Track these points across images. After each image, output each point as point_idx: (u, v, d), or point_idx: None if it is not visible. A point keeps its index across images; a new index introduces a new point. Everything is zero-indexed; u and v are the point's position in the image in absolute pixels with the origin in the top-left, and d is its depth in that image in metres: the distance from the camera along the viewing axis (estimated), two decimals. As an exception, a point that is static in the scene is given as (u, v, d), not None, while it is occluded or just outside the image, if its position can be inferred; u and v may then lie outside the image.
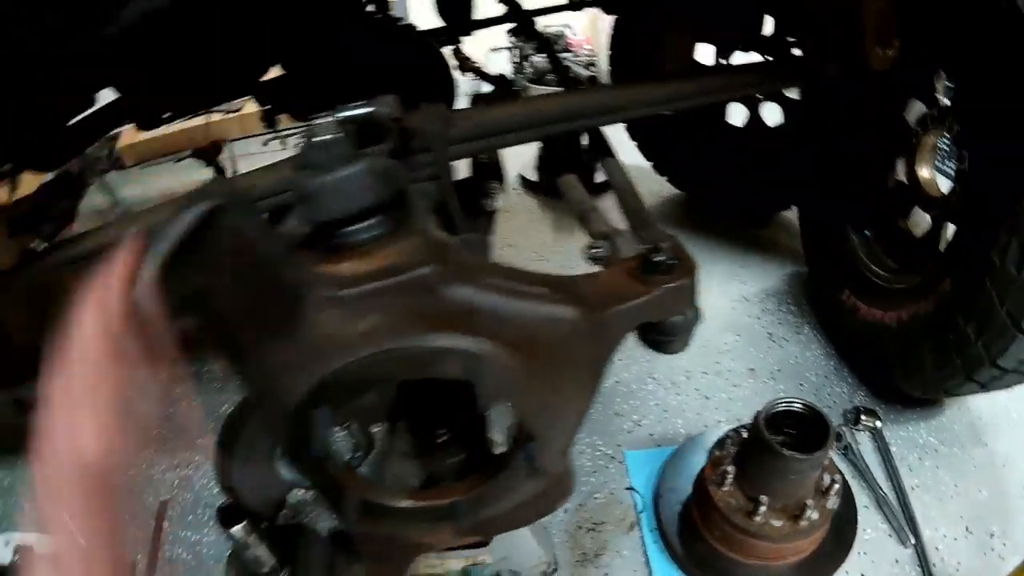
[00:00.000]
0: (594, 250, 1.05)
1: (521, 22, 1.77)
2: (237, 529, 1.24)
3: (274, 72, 1.63)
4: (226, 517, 1.25)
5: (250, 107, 3.47)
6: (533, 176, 1.82)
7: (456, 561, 1.30)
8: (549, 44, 1.98)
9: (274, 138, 3.39)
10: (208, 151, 1.86)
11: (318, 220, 0.80)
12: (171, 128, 3.25)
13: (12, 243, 1.30)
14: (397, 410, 1.04)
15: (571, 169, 1.31)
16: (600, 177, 1.35)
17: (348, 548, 1.07)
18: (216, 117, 2.99)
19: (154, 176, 1.35)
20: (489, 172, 1.29)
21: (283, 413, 0.80)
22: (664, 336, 0.92)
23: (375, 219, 0.82)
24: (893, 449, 1.44)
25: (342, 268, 0.77)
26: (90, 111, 1.54)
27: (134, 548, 1.48)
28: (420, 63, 1.71)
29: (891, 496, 1.37)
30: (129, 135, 1.77)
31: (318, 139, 0.80)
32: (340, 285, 0.74)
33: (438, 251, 0.78)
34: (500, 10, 1.86)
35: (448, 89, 1.75)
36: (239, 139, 3.36)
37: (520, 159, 1.98)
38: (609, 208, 1.17)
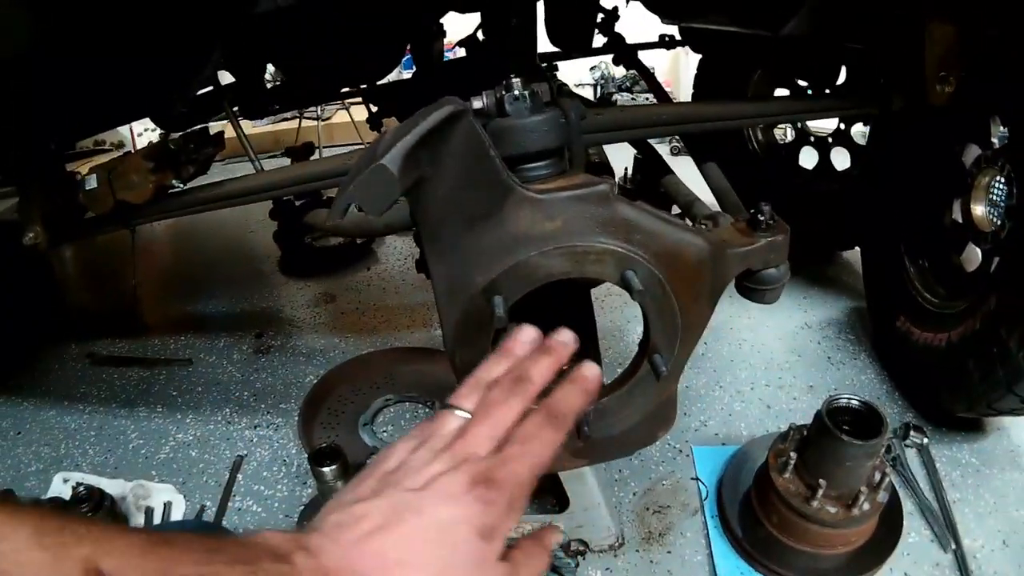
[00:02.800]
0: (703, 226, 1.42)
1: (623, 54, 2.22)
2: (329, 469, 1.53)
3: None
4: (319, 457, 1.55)
5: (339, 116, 3.97)
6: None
7: (530, 526, 1.55)
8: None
9: (360, 149, 3.79)
10: (300, 151, 2.23)
11: (509, 154, 1.16)
12: (262, 128, 3.67)
13: (152, 178, 1.57)
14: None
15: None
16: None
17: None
18: (306, 123, 3.45)
19: (229, 172, 1.72)
20: (598, 168, 1.68)
21: (471, 294, 1.12)
22: (760, 286, 1.25)
23: (549, 161, 1.19)
24: (937, 465, 1.71)
25: (535, 185, 1.12)
26: (211, 88, 1.94)
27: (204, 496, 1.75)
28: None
29: (934, 506, 1.61)
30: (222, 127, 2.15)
31: (513, 92, 1.17)
32: (538, 191, 1.09)
33: (606, 181, 1.14)
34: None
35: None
36: (328, 146, 3.87)
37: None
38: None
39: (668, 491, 1.69)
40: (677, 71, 3.72)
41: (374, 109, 2.32)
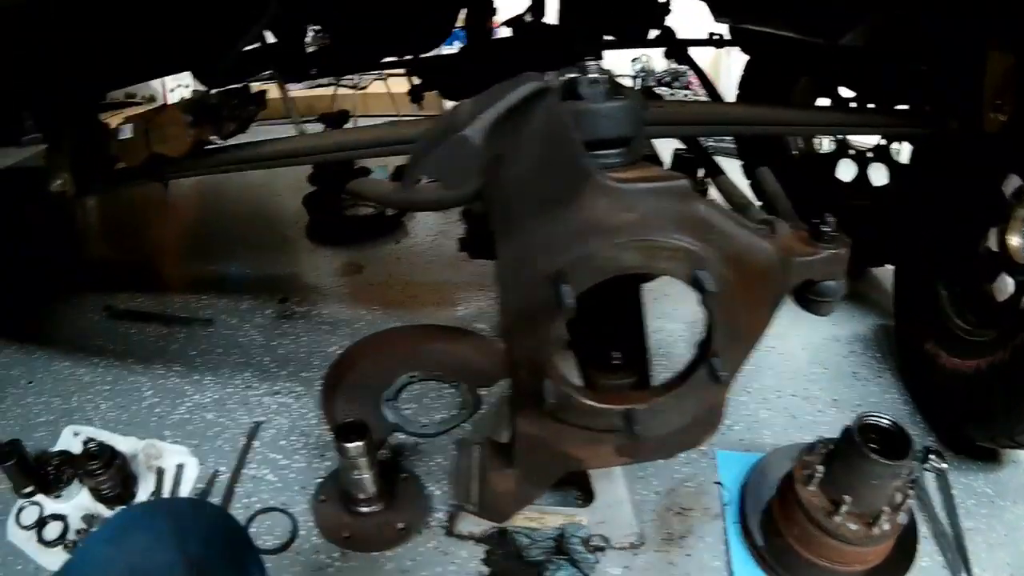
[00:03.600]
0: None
1: (675, 49, 2.17)
2: (353, 446, 1.49)
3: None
4: (344, 433, 1.50)
5: (375, 86, 3.88)
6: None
7: (554, 518, 1.51)
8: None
9: (396, 120, 3.69)
10: (336, 118, 2.17)
11: (582, 139, 1.10)
12: (296, 94, 3.59)
13: (192, 132, 1.52)
14: (578, 335, 1.31)
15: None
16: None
17: (502, 456, 1.31)
18: (341, 91, 3.36)
19: (265, 133, 1.65)
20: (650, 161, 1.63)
21: (537, 280, 1.06)
22: (819, 297, 1.20)
23: (621, 149, 1.14)
24: (953, 492, 1.68)
25: (612, 173, 1.07)
26: (256, 45, 1.86)
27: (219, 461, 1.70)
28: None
29: (948, 532, 1.58)
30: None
31: (589, 75, 1.11)
32: (617, 180, 1.04)
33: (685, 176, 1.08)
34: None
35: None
36: (363, 115, 3.76)
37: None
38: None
39: (691, 493, 1.66)
40: (718, 70, 3.65)
41: (416, 81, 2.24)
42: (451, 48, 2.42)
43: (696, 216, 1.06)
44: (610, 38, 2.18)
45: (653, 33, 2.21)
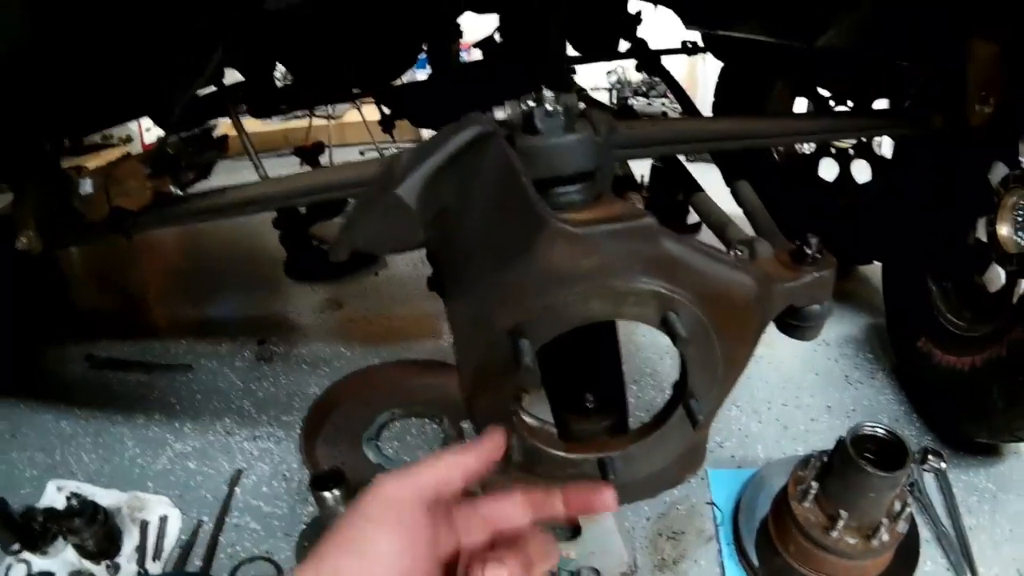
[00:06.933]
0: (737, 253, 1.23)
1: (646, 60, 2.02)
2: (329, 495, 1.36)
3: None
4: (320, 482, 1.37)
5: (351, 115, 3.73)
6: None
7: None
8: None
9: (371, 149, 3.56)
10: (310, 151, 2.03)
11: (540, 177, 0.96)
12: (272, 126, 3.46)
13: (149, 184, 1.40)
14: (549, 378, 1.17)
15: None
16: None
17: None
18: (317, 121, 3.21)
19: (245, 170, 1.52)
20: (622, 182, 1.48)
21: (493, 337, 0.93)
22: (802, 322, 1.07)
23: (581, 185, 1.00)
24: (954, 490, 1.58)
25: (570, 215, 0.93)
26: (215, 88, 1.73)
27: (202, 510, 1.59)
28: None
29: (951, 533, 1.49)
30: (229, 127, 1.93)
31: (545, 107, 0.98)
32: (575, 224, 0.90)
33: (649, 211, 0.94)
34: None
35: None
36: (339, 145, 3.64)
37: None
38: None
39: (683, 516, 1.55)
40: (695, 77, 3.49)
41: (387, 111, 2.10)
42: (423, 73, 2.26)
43: (664, 255, 0.92)
44: (577, 54, 2.03)
45: (624, 45, 2.06)
